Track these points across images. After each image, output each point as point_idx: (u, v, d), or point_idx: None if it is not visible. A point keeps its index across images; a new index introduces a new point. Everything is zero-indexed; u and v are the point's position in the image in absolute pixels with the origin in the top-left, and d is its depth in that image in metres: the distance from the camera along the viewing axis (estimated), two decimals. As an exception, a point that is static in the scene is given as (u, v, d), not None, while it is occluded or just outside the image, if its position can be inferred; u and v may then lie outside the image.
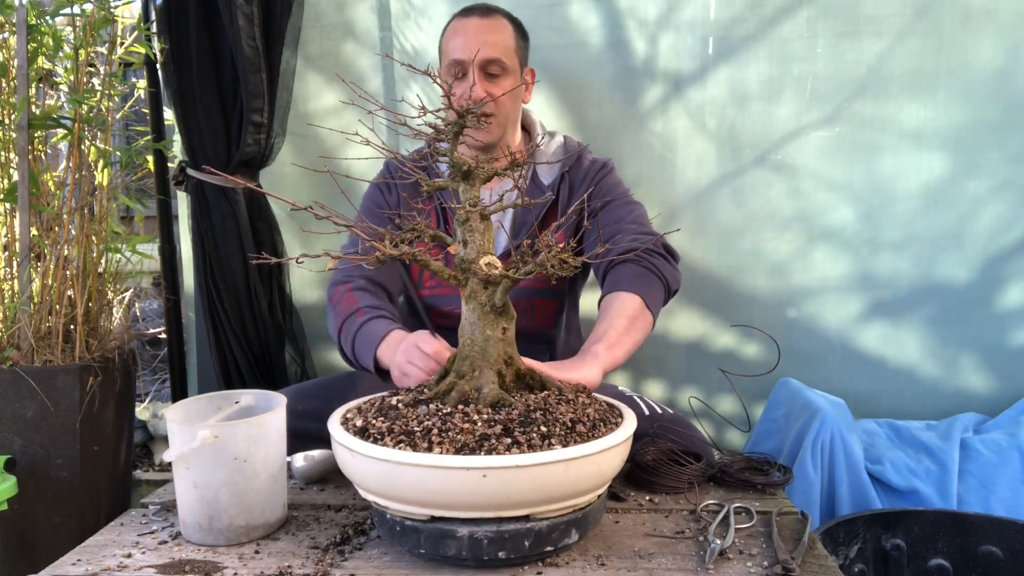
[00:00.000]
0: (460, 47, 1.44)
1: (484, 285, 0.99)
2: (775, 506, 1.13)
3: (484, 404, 0.95)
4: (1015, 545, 1.31)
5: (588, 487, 0.92)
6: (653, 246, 1.41)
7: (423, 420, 0.93)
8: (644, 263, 1.38)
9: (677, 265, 1.46)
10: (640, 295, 1.32)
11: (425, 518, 0.91)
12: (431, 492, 0.87)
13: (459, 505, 0.88)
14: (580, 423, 0.94)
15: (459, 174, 1.04)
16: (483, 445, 0.88)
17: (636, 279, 1.36)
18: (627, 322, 1.29)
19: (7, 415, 1.57)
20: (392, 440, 0.90)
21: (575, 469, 0.88)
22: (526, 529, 0.89)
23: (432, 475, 0.86)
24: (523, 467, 0.85)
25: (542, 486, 0.87)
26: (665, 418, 1.31)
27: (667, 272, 1.40)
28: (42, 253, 1.73)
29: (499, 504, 0.87)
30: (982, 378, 1.84)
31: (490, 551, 0.89)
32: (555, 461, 0.86)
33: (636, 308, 1.30)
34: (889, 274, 1.85)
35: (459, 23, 1.49)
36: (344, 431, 0.96)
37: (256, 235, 1.88)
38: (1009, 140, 1.78)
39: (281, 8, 1.79)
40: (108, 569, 0.95)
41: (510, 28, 1.50)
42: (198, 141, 1.83)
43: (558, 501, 0.90)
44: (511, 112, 1.51)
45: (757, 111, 1.84)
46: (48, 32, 1.73)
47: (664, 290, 1.39)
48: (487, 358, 1.00)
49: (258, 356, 1.89)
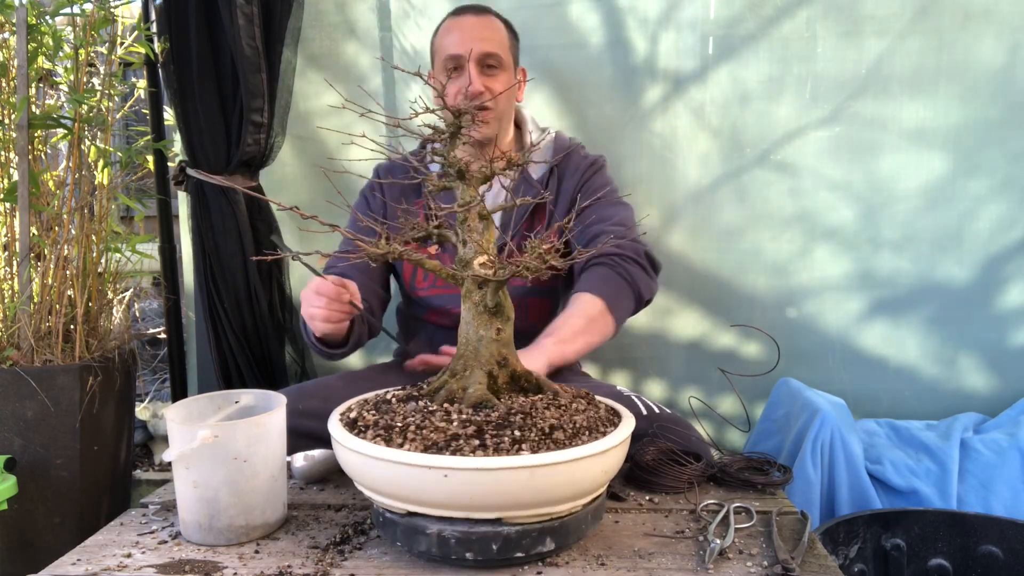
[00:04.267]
0: (456, 42, 1.46)
1: (478, 285, 0.99)
2: (775, 506, 1.13)
3: (467, 404, 0.96)
4: (1015, 545, 1.31)
5: (561, 496, 0.89)
6: (633, 254, 1.42)
7: (408, 416, 0.94)
8: (618, 268, 1.40)
9: (656, 275, 1.48)
10: (604, 299, 1.34)
11: (403, 512, 0.92)
12: (401, 488, 0.89)
13: (428, 502, 0.89)
14: (560, 430, 0.91)
15: (455, 174, 1.04)
16: (450, 445, 0.88)
17: (605, 283, 1.38)
18: (584, 322, 1.32)
19: (7, 415, 1.58)
20: (372, 434, 0.92)
21: (542, 476, 0.86)
22: (494, 533, 0.89)
23: (400, 471, 0.87)
24: (484, 470, 0.84)
25: (507, 491, 0.86)
26: (665, 418, 1.31)
27: (640, 280, 1.41)
28: (42, 253, 1.73)
29: (464, 505, 0.87)
30: (982, 378, 1.84)
31: (457, 550, 0.89)
32: (518, 467, 0.84)
33: (597, 310, 1.33)
34: (889, 274, 1.85)
35: (453, 21, 1.51)
36: (337, 422, 0.98)
37: (256, 235, 1.88)
38: (1009, 140, 1.78)
39: (281, 8, 1.79)
40: (108, 569, 0.95)
41: (503, 27, 1.53)
42: (198, 141, 1.83)
43: (527, 508, 0.88)
44: (506, 108, 1.53)
45: (757, 111, 1.84)
46: (48, 32, 1.73)
47: (634, 297, 1.41)
48: (479, 358, 1.00)
49: (258, 356, 1.89)
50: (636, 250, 1.44)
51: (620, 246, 1.42)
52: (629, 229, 1.49)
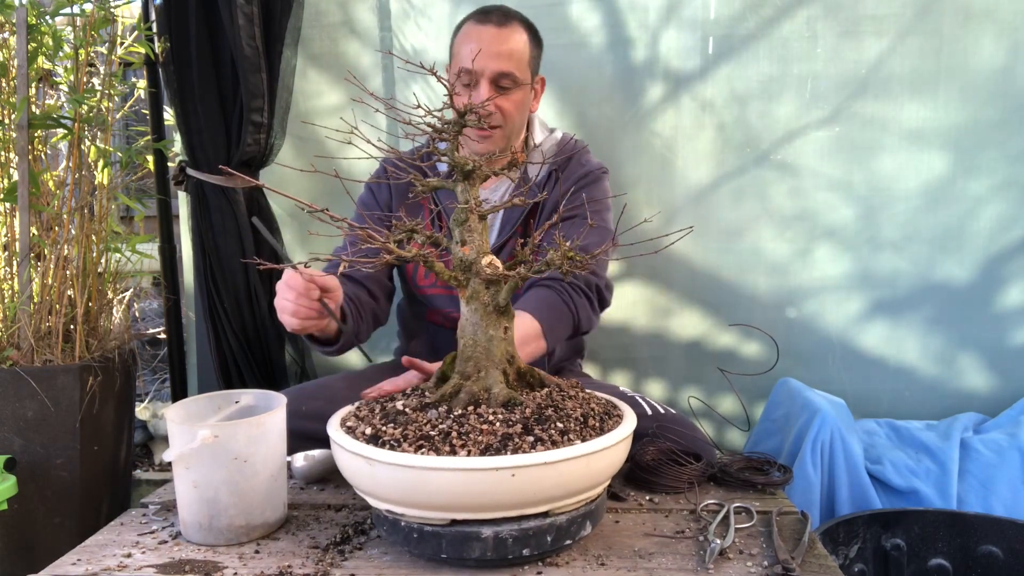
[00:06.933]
0: (472, 56, 1.39)
1: (487, 285, 0.99)
2: (775, 506, 1.13)
3: (496, 404, 0.96)
4: (1015, 545, 1.31)
5: (602, 479, 0.95)
6: (584, 285, 1.42)
7: (437, 424, 0.91)
8: (564, 296, 1.39)
9: (600, 311, 1.48)
10: (542, 324, 1.33)
11: (446, 522, 0.90)
12: (457, 495, 0.87)
13: (485, 506, 0.88)
14: (591, 417, 0.96)
15: (460, 174, 1.04)
16: (507, 445, 0.88)
17: (548, 308, 1.37)
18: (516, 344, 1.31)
19: (7, 415, 1.57)
20: (411, 446, 0.88)
21: (595, 462, 0.91)
22: (548, 525, 0.91)
23: (459, 478, 0.85)
24: (550, 463, 0.86)
25: (565, 481, 0.89)
26: (665, 418, 1.31)
27: (582, 312, 1.41)
28: (42, 253, 1.73)
29: (524, 502, 0.89)
30: (982, 378, 1.84)
31: (515, 549, 0.90)
32: (579, 456, 0.88)
33: (532, 334, 1.32)
34: (889, 274, 1.85)
35: (474, 29, 1.44)
36: (354, 439, 0.92)
37: (256, 235, 1.88)
38: (1009, 140, 1.78)
39: (281, 8, 1.79)
40: (108, 569, 0.95)
41: (525, 37, 1.46)
42: (198, 141, 1.83)
43: (576, 495, 0.92)
44: (518, 123, 1.49)
45: (757, 111, 1.84)
46: (48, 32, 1.73)
47: (573, 326, 1.41)
48: (491, 358, 1.00)
49: (258, 356, 1.89)
50: (588, 282, 1.42)
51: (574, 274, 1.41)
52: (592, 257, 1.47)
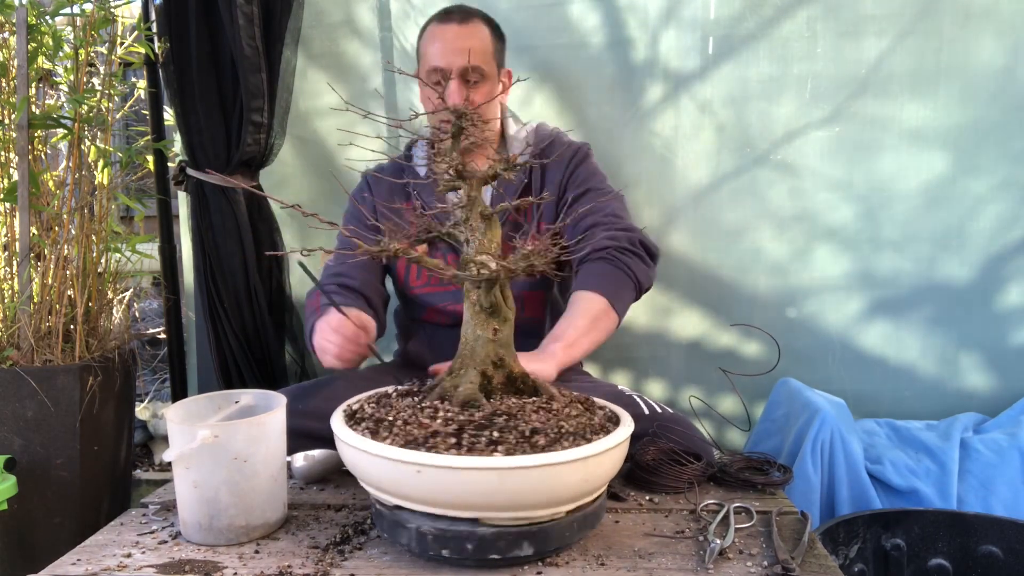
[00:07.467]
0: (439, 54, 1.46)
1: (476, 284, 1.00)
2: (775, 506, 1.13)
3: (455, 402, 0.96)
4: (1015, 545, 1.31)
5: (537, 501, 0.88)
6: (629, 244, 1.42)
7: (400, 411, 0.96)
8: (616, 262, 1.41)
9: (654, 263, 1.49)
10: (606, 296, 1.35)
11: (391, 505, 0.94)
12: (382, 480, 0.91)
13: (408, 497, 0.90)
14: (543, 435, 0.90)
15: (455, 174, 1.04)
16: (428, 442, 0.89)
17: (605, 279, 1.38)
18: (588, 322, 1.34)
19: (7, 415, 1.57)
20: (364, 427, 0.94)
21: (513, 480, 0.85)
22: (469, 532, 0.89)
23: (381, 464, 0.89)
24: (452, 469, 0.85)
25: (478, 491, 0.86)
26: (665, 417, 1.31)
27: (639, 271, 1.42)
28: (42, 253, 1.73)
29: (440, 502, 0.88)
30: (982, 378, 1.84)
31: (434, 547, 0.91)
32: (486, 468, 0.85)
33: (600, 309, 1.35)
34: (889, 274, 1.85)
35: (437, 29, 1.50)
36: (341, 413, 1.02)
37: (256, 235, 1.88)
38: (1009, 140, 1.78)
39: (281, 8, 1.79)
40: (108, 569, 0.95)
41: (487, 32, 1.52)
42: (198, 141, 1.83)
43: (502, 510, 0.88)
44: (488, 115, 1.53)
45: (757, 111, 1.84)
46: (48, 32, 1.73)
47: (635, 289, 1.43)
48: (475, 358, 1.00)
49: (258, 356, 1.89)
50: (631, 240, 1.44)
51: (615, 237, 1.43)
52: (621, 218, 1.49)
